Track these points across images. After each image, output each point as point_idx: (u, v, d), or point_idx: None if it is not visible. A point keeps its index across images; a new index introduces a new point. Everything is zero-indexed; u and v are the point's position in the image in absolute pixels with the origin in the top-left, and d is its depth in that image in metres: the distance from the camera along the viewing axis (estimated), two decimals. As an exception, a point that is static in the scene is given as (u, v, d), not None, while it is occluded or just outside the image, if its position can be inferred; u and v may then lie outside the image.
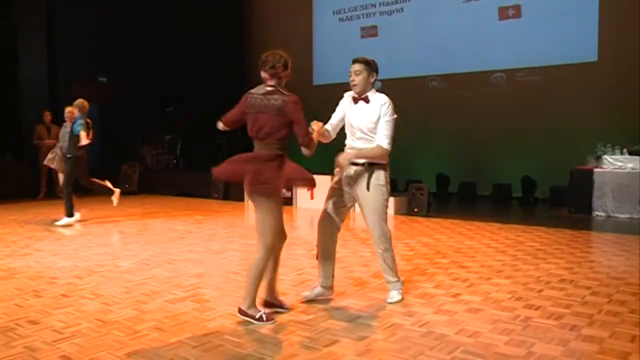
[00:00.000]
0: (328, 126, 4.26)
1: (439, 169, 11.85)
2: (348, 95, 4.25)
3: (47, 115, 11.67)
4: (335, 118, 4.31)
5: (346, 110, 4.23)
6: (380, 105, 4.07)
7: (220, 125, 4.06)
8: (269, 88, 3.80)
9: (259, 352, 3.30)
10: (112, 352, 3.32)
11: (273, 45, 16.71)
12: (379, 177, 4.14)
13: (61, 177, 8.88)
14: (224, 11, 15.08)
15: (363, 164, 4.12)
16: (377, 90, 4.18)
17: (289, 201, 10.53)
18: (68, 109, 8.72)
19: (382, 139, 4.05)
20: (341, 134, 4.30)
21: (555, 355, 3.23)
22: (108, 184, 8.51)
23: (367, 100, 4.12)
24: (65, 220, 8.23)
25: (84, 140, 8.04)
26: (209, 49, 14.59)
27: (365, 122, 4.10)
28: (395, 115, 4.12)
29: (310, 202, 10.46)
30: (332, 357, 3.23)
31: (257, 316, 3.79)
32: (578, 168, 9.18)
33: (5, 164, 11.96)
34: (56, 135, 11.59)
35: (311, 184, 3.88)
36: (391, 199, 9.27)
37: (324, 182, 4.48)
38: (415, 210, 9.14)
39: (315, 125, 3.96)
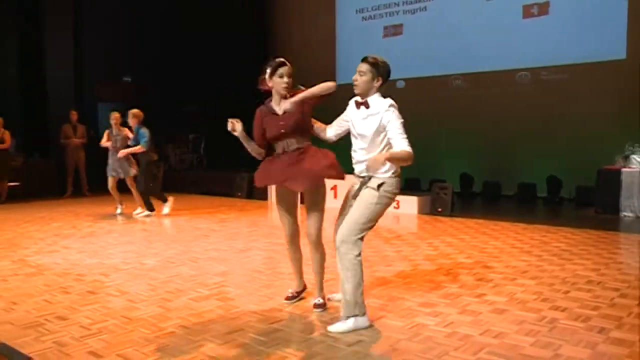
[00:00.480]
0: (329, 126, 4.06)
1: (463, 168, 11.76)
2: (354, 100, 3.88)
3: (74, 114, 11.83)
4: (338, 119, 4.03)
5: (350, 114, 3.89)
6: (383, 111, 3.65)
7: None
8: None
9: (283, 350, 3.31)
10: (138, 348, 3.36)
11: (296, 44, 16.87)
12: (372, 183, 3.70)
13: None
14: (247, 11, 15.14)
15: (370, 178, 3.72)
16: (401, 89, 4.02)
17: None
18: (115, 115, 9.19)
19: (403, 143, 3.57)
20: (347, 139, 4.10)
21: (583, 357, 3.18)
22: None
23: (367, 105, 3.73)
24: (146, 212, 9.02)
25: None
26: (232, 48, 14.66)
27: (364, 129, 3.72)
28: (403, 120, 3.67)
29: (333, 201, 10.44)
30: (356, 356, 3.23)
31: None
32: (605, 168, 9.04)
33: (33, 163, 12.15)
34: (82, 134, 11.80)
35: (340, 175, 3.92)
36: (414, 199, 9.34)
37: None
38: (439, 210, 9.09)
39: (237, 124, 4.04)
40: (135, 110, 8.76)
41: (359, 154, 3.78)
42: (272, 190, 11.29)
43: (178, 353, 3.28)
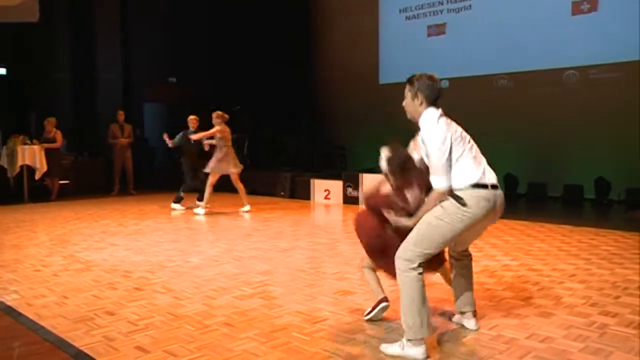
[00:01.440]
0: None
1: (507, 169, 11.54)
2: None
3: (121, 114, 12.09)
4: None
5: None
6: (422, 127, 3.33)
7: None
8: None
9: (327, 350, 3.31)
10: (183, 345, 3.41)
11: (339, 45, 16.80)
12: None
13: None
14: (290, 11, 15.20)
15: None
16: (445, 89, 3.50)
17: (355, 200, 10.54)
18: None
19: (433, 179, 3.24)
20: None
21: (634, 364, 3.10)
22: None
23: (420, 127, 3.37)
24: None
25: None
26: (275, 49, 14.76)
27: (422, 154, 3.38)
28: (442, 136, 3.23)
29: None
30: (401, 358, 3.20)
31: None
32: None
33: (82, 162, 12.47)
34: (129, 133, 12.05)
35: None
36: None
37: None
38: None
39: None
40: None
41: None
42: (315, 190, 11.34)
43: (222, 350, 3.31)
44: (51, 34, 13.40)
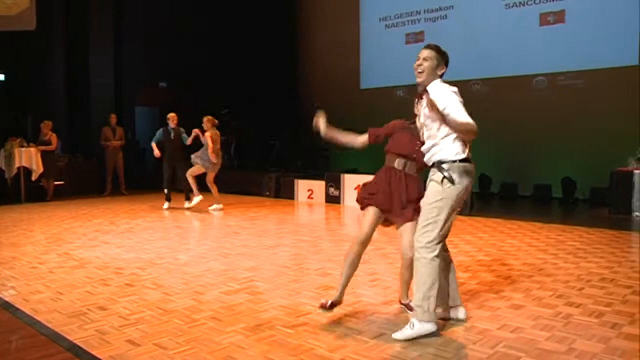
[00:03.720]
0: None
1: (482, 169, 11.63)
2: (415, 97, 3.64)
3: (113, 117, 12.02)
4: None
5: (416, 111, 3.62)
6: (434, 93, 3.36)
7: None
8: None
9: (309, 342, 3.32)
10: (172, 338, 3.40)
11: (323, 51, 16.80)
12: (435, 173, 3.42)
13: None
14: (274, 19, 15.21)
15: (432, 165, 3.47)
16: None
17: (336, 199, 10.56)
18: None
19: (463, 120, 3.27)
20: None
21: (597, 352, 3.14)
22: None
23: (428, 93, 3.39)
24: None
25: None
26: (262, 55, 14.77)
27: (423, 117, 3.46)
28: (455, 93, 3.40)
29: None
30: (379, 348, 3.23)
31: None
32: (618, 170, 8.88)
33: (77, 163, 12.37)
34: (121, 136, 11.98)
35: None
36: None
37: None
38: (458, 209, 9.00)
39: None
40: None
41: (426, 145, 3.49)
42: (299, 190, 11.36)
43: (209, 343, 3.32)
44: (47, 40, 13.28)
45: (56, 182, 11.27)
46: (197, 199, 9.35)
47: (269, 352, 3.18)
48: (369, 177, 3.95)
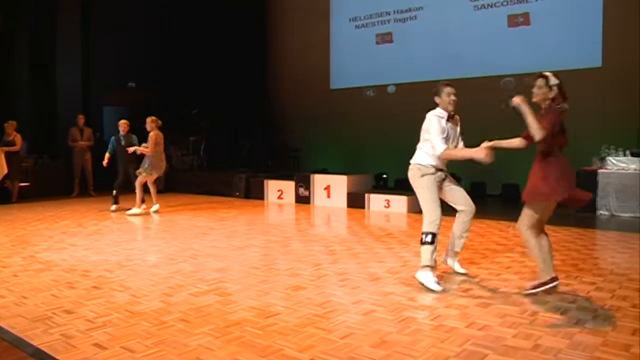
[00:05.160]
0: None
1: (451, 169, 11.65)
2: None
3: (81, 118, 11.83)
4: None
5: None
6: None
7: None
8: None
9: (278, 343, 3.31)
10: (140, 341, 3.36)
11: (293, 52, 16.77)
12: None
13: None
14: (245, 19, 15.15)
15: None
16: (392, 94, 4.10)
17: (306, 199, 10.55)
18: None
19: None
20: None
21: (561, 347, 3.20)
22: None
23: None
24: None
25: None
26: (232, 55, 14.70)
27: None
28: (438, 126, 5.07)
29: (327, 200, 10.39)
30: (348, 348, 3.24)
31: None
32: (583, 169, 9.07)
33: (43, 164, 12.12)
34: (89, 137, 11.79)
35: None
36: (404, 198, 9.37)
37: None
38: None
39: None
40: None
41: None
42: (269, 190, 11.32)
43: (178, 345, 3.28)
44: (12, 38, 12.97)
45: (21, 184, 11.02)
46: (137, 210, 9.15)
47: (238, 353, 3.16)
48: (339, 177, 3.95)
